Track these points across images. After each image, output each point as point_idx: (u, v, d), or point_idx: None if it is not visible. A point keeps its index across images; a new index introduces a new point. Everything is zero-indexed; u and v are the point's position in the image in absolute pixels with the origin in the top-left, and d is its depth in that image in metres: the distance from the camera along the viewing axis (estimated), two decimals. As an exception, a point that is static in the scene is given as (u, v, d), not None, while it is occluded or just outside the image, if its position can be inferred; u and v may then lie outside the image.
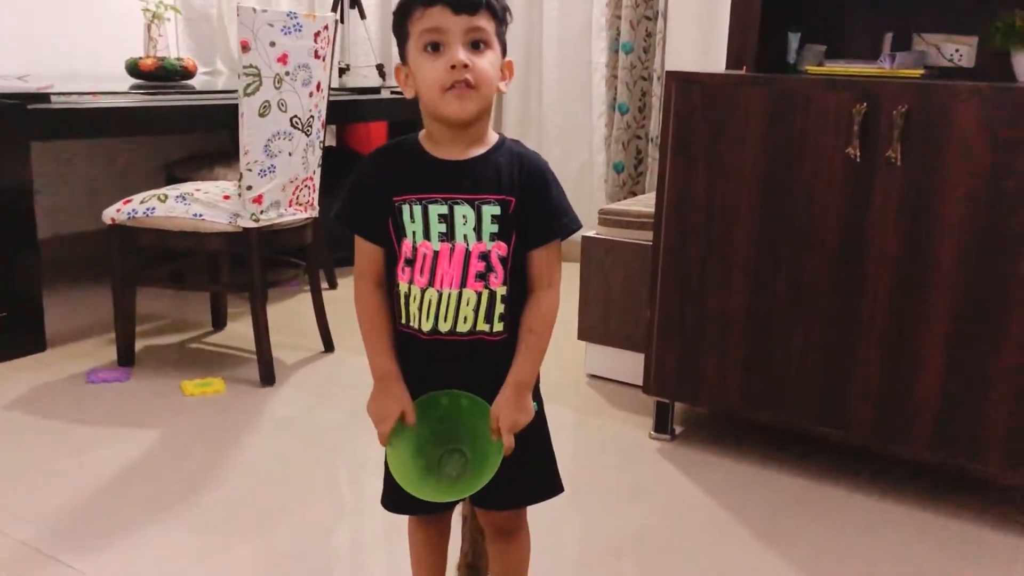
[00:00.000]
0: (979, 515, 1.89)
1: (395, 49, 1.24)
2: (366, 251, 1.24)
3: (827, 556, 1.75)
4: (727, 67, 2.26)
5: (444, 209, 1.17)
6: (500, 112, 3.97)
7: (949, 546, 1.79)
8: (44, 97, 2.67)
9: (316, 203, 2.67)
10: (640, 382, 2.23)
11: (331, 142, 4.09)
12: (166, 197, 2.46)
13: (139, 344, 2.72)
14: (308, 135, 2.53)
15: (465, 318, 1.20)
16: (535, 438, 1.27)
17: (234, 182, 2.53)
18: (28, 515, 1.80)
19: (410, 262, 1.20)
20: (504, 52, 1.21)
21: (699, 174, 2.03)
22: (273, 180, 2.44)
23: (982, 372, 1.78)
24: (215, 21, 4.23)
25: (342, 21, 3.98)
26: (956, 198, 1.76)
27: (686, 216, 2.06)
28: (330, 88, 2.68)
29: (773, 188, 1.94)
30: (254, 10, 2.26)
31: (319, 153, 2.65)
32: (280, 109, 2.40)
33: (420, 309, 1.20)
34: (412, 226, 1.19)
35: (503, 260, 1.19)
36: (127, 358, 2.62)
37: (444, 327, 1.20)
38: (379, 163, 1.24)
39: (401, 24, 1.19)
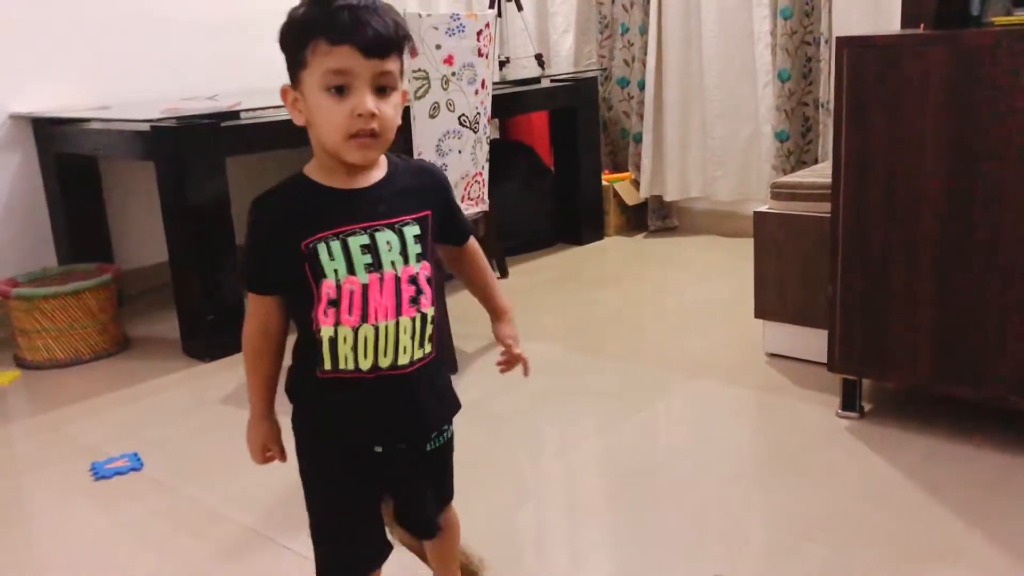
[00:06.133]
0: None
1: (554, 35, 1.26)
2: (261, 304, 1.18)
3: (1040, 537, 1.65)
4: (902, 26, 2.15)
5: (366, 239, 1.12)
6: (660, 90, 3.93)
7: None
8: (234, 114, 2.88)
9: (486, 197, 2.75)
10: (823, 359, 2.17)
11: (494, 135, 4.18)
12: (348, 200, 2.60)
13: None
14: (476, 132, 2.61)
15: (404, 348, 1.15)
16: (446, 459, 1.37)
17: (409, 182, 2.64)
18: (248, 500, 1.96)
19: (334, 302, 1.12)
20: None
21: (878, 142, 1.94)
22: (445, 177, 2.53)
23: None
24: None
25: (500, 15, 4.06)
26: None
27: (865, 185, 1.98)
28: (492, 83, 2.75)
29: (961, 152, 1.84)
30: (420, 15, 2.35)
31: (487, 148, 2.72)
32: (448, 109, 2.48)
33: (356, 349, 1.14)
34: (332, 264, 1.11)
35: (429, 280, 1.17)
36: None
37: (385, 362, 1.15)
38: (275, 208, 1.15)
39: (297, 49, 1.09)
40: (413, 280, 1.14)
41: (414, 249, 1.14)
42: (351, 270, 1.11)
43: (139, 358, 2.92)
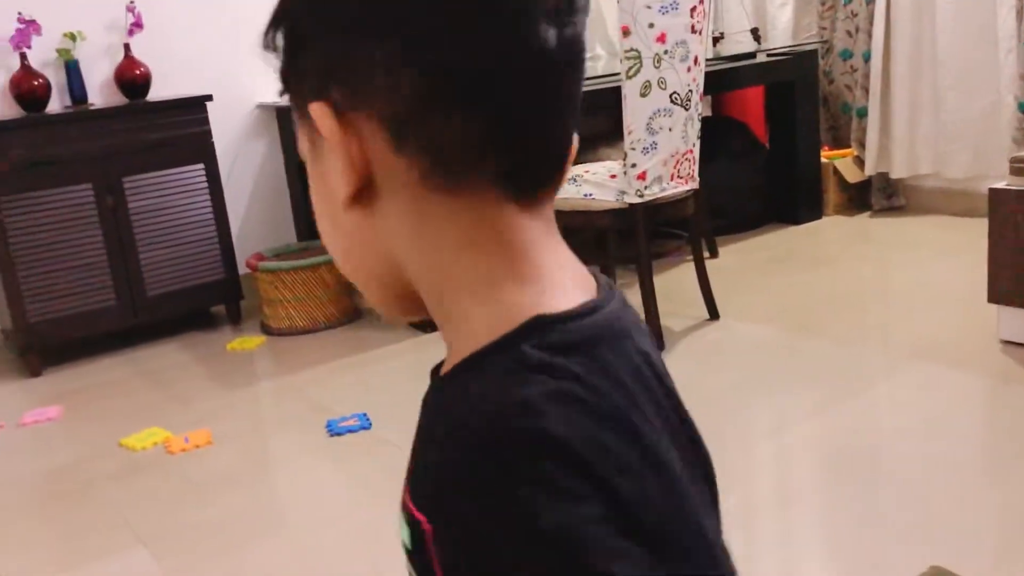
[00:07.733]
0: None
1: (771, 8, 0.63)
2: None
3: None
4: None
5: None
6: (887, 61, 3.71)
7: None
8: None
9: (696, 175, 2.73)
10: (1068, 347, 2.00)
11: (706, 112, 4.12)
12: (560, 180, 2.67)
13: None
14: (687, 109, 2.60)
15: None
16: None
17: (619, 161, 2.67)
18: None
19: None
20: (317, 94, 0.51)
21: None
22: (655, 156, 2.54)
23: None
24: (593, 8, 4.45)
25: (714, -10, 3.98)
26: None
27: (1123, 157, 1.80)
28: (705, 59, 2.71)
29: None
30: (633, -5, 2.36)
31: (698, 125, 2.70)
32: (660, 87, 2.49)
33: None
34: None
35: None
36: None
37: None
38: None
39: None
40: None
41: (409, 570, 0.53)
42: None
43: (367, 328, 3.15)
